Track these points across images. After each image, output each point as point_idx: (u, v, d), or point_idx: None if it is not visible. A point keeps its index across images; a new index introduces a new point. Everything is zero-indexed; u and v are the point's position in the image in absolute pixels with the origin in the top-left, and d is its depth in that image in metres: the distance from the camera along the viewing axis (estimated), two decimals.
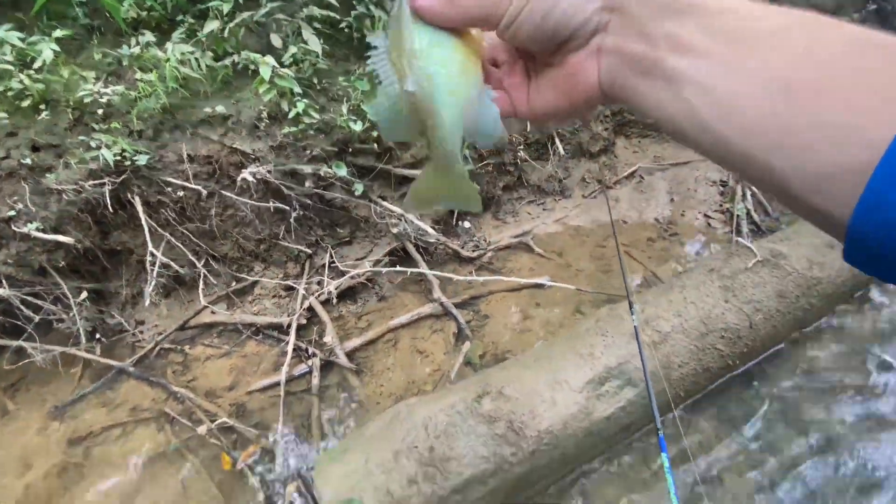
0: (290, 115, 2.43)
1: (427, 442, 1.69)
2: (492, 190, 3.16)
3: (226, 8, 2.47)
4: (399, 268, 2.71)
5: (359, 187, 2.65)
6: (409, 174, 2.84)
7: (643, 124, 3.65)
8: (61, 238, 2.23)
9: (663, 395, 1.90)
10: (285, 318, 2.53)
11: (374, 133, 2.63)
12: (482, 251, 2.97)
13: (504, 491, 1.74)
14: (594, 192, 3.38)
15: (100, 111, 2.32)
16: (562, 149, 3.34)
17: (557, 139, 3.34)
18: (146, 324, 2.58)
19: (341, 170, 2.55)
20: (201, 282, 2.55)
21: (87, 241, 2.35)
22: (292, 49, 2.50)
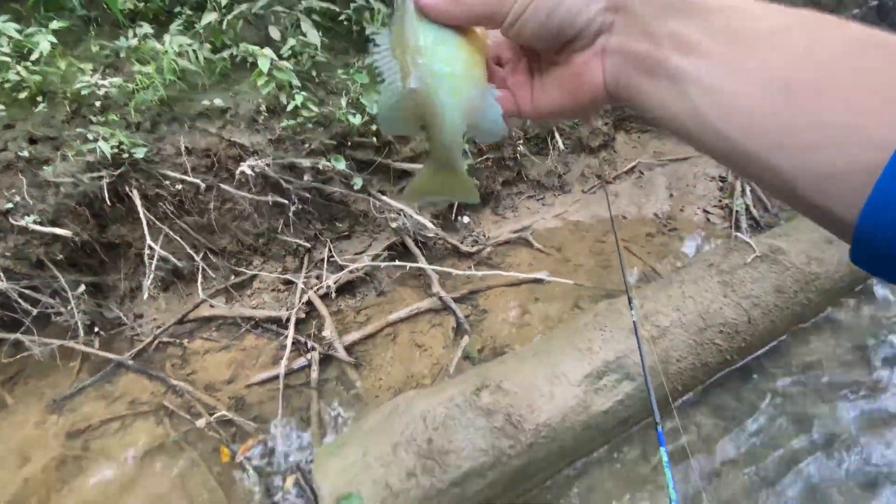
0: (288, 109, 2.41)
1: (426, 435, 1.70)
2: (491, 185, 3.16)
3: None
4: (398, 262, 2.71)
5: (358, 181, 2.64)
6: (408, 168, 2.83)
7: (643, 119, 3.64)
8: (59, 231, 2.22)
9: (661, 390, 1.91)
10: (284, 312, 2.53)
11: (374, 126, 2.62)
12: (481, 246, 2.97)
13: (502, 484, 1.75)
14: (594, 188, 3.38)
15: (97, 103, 2.30)
16: (561, 144, 3.34)
17: (557, 134, 3.33)
18: (145, 317, 2.57)
19: (340, 163, 2.54)
20: (200, 275, 2.54)
21: (85, 234, 2.34)
22: (291, 41, 2.48)
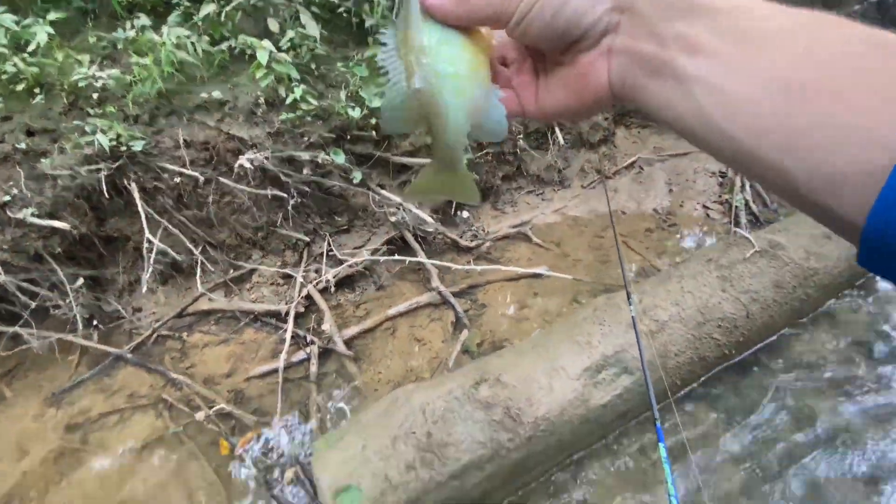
0: (287, 101, 2.40)
1: (425, 427, 1.70)
2: (491, 180, 3.15)
3: None
4: (397, 257, 2.71)
5: (357, 175, 2.64)
6: (407, 162, 2.82)
7: (644, 115, 3.64)
8: (57, 224, 2.22)
9: (660, 384, 1.91)
10: (283, 306, 2.52)
11: (373, 120, 2.61)
12: (481, 241, 2.97)
13: (501, 477, 1.75)
14: (593, 183, 3.38)
15: (95, 95, 2.29)
16: (562, 138, 3.33)
17: (557, 129, 3.33)
18: (143, 311, 2.57)
19: (339, 157, 2.53)
20: (199, 269, 2.54)
21: (84, 227, 2.33)
22: (290, 34, 2.47)
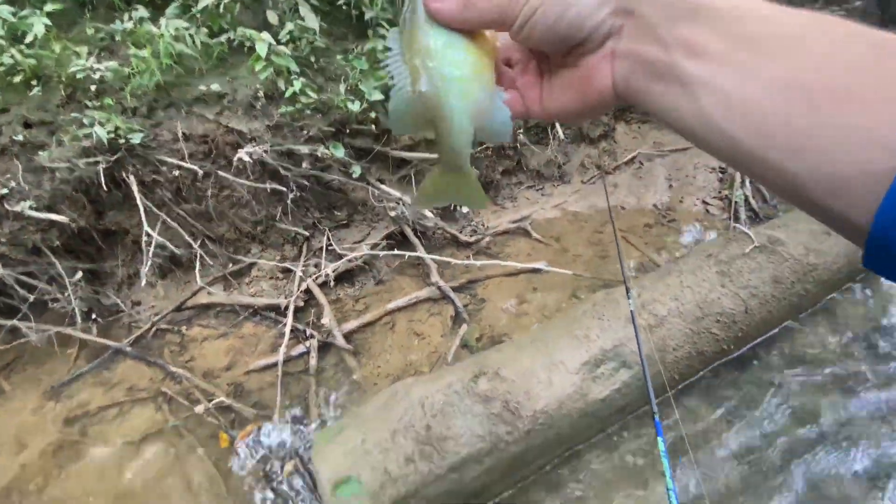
0: (286, 94, 2.39)
1: (424, 421, 1.71)
2: (491, 175, 3.15)
3: None
4: (397, 251, 2.70)
5: (356, 169, 2.63)
6: (407, 156, 2.82)
7: (645, 113, 3.63)
8: (55, 217, 2.21)
9: (658, 378, 1.92)
10: (282, 300, 2.52)
11: (373, 114, 2.60)
12: (480, 236, 2.97)
13: (500, 470, 1.76)
14: (593, 178, 3.38)
15: (93, 87, 2.27)
16: (562, 133, 3.32)
17: (557, 124, 3.32)
18: (142, 304, 2.57)
19: (339, 151, 2.52)
20: (198, 263, 2.53)
21: (82, 220, 2.32)
22: (289, 26, 2.45)
